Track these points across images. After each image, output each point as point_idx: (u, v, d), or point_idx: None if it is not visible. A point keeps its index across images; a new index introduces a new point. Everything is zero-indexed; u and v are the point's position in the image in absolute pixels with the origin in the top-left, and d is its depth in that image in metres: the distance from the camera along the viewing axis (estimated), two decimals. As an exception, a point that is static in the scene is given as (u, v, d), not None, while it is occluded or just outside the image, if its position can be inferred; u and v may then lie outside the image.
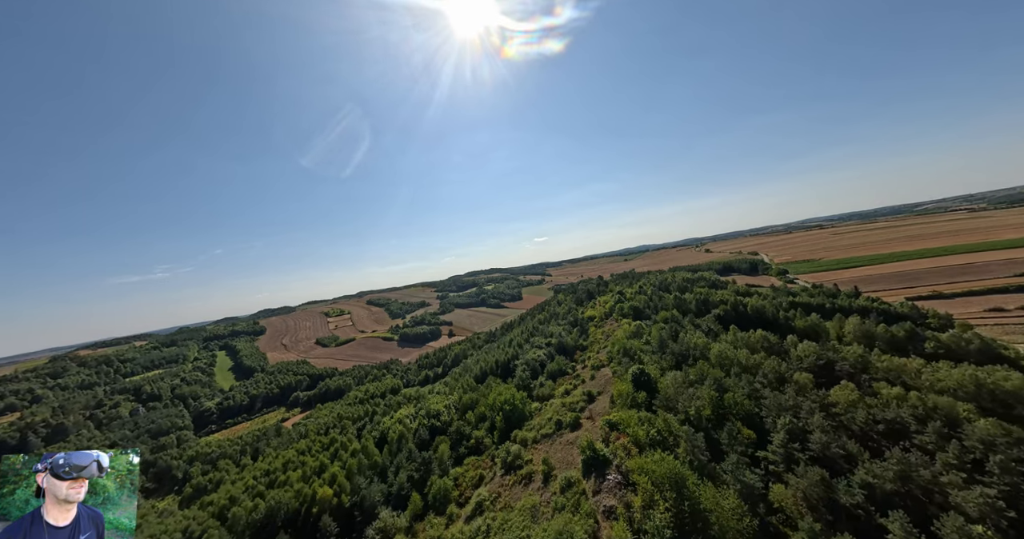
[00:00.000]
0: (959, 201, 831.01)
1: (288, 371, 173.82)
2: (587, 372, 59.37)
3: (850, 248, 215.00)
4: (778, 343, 56.39)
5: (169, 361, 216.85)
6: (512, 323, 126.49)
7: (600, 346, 71.56)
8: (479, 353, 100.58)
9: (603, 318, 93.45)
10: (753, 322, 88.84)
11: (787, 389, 39.91)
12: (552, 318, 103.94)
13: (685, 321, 77.09)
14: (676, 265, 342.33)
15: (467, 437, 49.21)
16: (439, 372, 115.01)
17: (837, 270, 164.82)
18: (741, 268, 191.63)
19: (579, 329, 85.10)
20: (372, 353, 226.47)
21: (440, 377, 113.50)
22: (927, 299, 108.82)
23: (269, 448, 72.60)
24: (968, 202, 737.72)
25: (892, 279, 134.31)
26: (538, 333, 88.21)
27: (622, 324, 77.43)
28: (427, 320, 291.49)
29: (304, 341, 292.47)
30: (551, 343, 76.89)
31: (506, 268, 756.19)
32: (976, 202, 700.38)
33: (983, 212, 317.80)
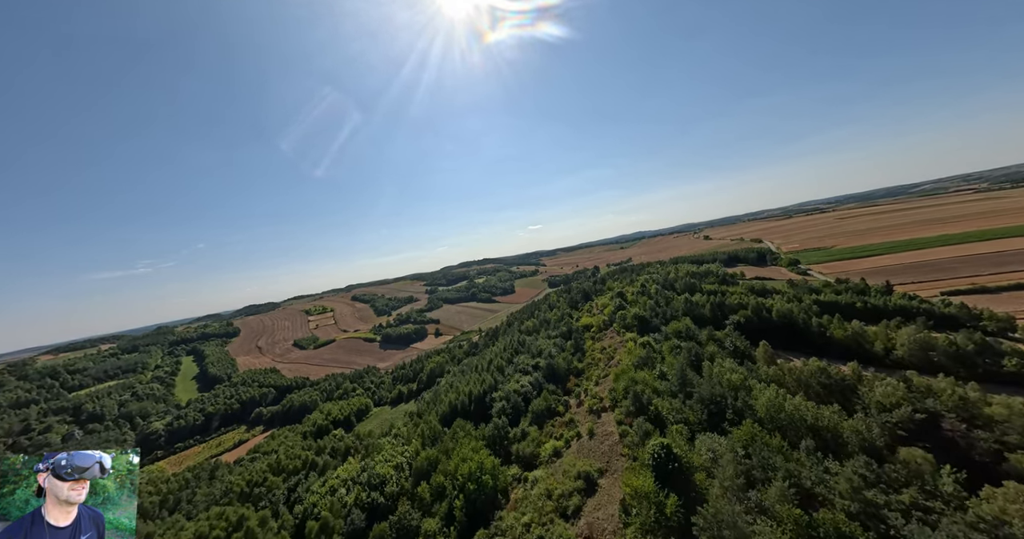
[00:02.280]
0: (957, 181, 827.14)
1: (254, 382, 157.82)
2: (584, 417, 44.27)
3: (861, 234, 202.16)
4: (840, 377, 41.52)
5: (126, 370, 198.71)
6: (498, 330, 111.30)
7: (600, 372, 56.43)
8: (455, 372, 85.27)
9: (601, 329, 78.28)
10: (781, 331, 74.33)
11: (908, 493, 24.53)
12: (543, 326, 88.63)
13: (703, 335, 62.09)
14: (675, 254, 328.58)
15: (414, 534, 34.01)
16: (413, 389, 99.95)
17: (853, 259, 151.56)
18: (748, 258, 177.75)
19: (573, 344, 69.90)
20: (351, 357, 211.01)
21: (415, 394, 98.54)
22: (967, 294, 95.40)
23: (188, 505, 57.42)
24: (966, 181, 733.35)
25: (918, 270, 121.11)
26: (524, 350, 72.85)
27: (626, 341, 62.19)
28: (413, 318, 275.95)
29: (281, 343, 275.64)
30: (539, 365, 61.60)
31: (499, 258, 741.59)
32: (974, 182, 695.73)
33: (991, 192, 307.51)
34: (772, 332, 75.80)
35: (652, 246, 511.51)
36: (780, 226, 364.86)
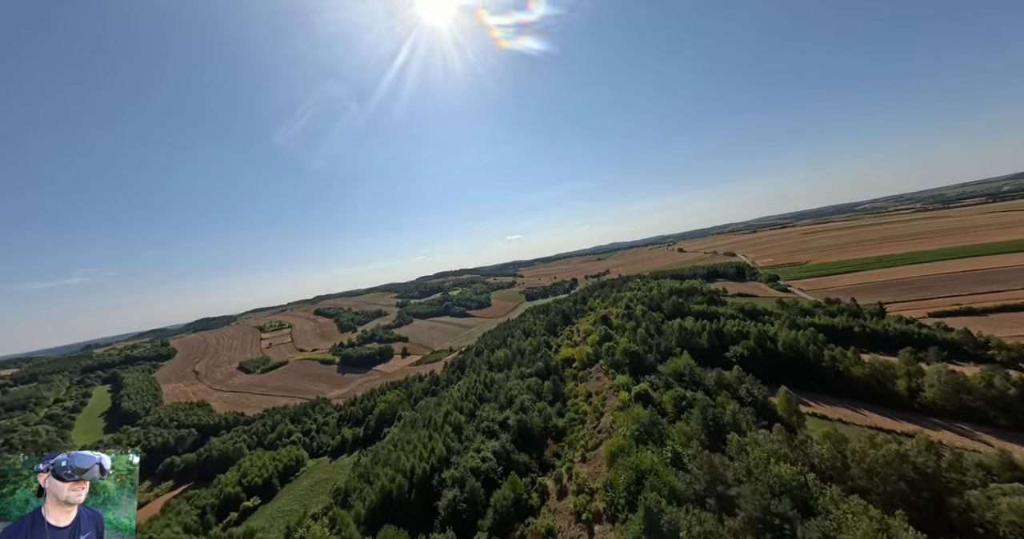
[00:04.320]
0: (891, 201, 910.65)
1: (172, 421, 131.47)
2: (568, 523, 30.39)
3: (829, 250, 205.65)
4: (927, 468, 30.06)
5: (11, 408, 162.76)
6: (464, 362, 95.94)
7: (587, 435, 43.11)
8: (407, 419, 68.92)
9: (586, 364, 65.42)
10: (788, 365, 64.65)
11: None
12: (515, 360, 74.59)
13: (709, 379, 50.49)
14: (652, 266, 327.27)
15: None
16: (360, 435, 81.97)
17: (830, 276, 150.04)
18: (728, 273, 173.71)
19: (552, 387, 56.33)
20: (302, 383, 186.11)
21: (360, 443, 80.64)
22: (955, 315, 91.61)
23: None
24: (898, 202, 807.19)
25: (898, 288, 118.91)
26: (491, 395, 58.31)
27: (617, 389, 49.37)
28: (379, 335, 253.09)
29: (224, 366, 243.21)
30: (508, 422, 47.39)
31: (476, 268, 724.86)
32: (907, 202, 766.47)
33: (935, 212, 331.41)
34: (779, 366, 66.11)
35: (628, 258, 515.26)
36: (748, 240, 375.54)
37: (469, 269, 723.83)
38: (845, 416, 50.00)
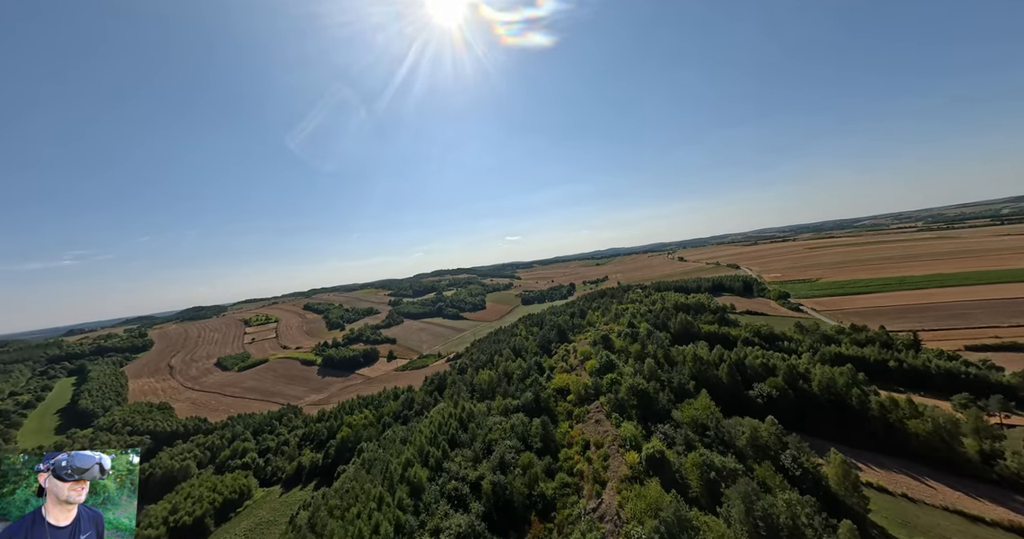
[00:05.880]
0: (890, 219, 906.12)
1: (127, 426, 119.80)
2: None
3: (840, 267, 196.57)
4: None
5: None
6: (445, 381, 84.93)
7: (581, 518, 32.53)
8: (369, 453, 58.03)
9: (583, 399, 54.84)
10: (824, 412, 54.64)
11: None
12: (500, 385, 63.96)
13: (741, 436, 40.08)
14: (651, 274, 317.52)
15: None
16: (319, 462, 70.97)
17: (845, 296, 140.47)
18: (734, 287, 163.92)
19: (540, 429, 45.65)
20: (278, 385, 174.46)
21: (318, 473, 69.69)
22: (996, 351, 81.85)
23: None
24: (897, 220, 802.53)
25: (924, 314, 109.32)
26: (466, 437, 47.62)
27: (623, 443, 38.83)
28: (366, 336, 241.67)
29: (202, 361, 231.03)
30: (481, 484, 36.78)
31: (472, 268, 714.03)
32: (906, 220, 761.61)
33: (944, 231, 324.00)
34: (813, 409, 55.93)
35: (627, 264, 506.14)
36: (751, 252, 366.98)
37: (466, 269, 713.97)
38: (909, 488, 39.80)
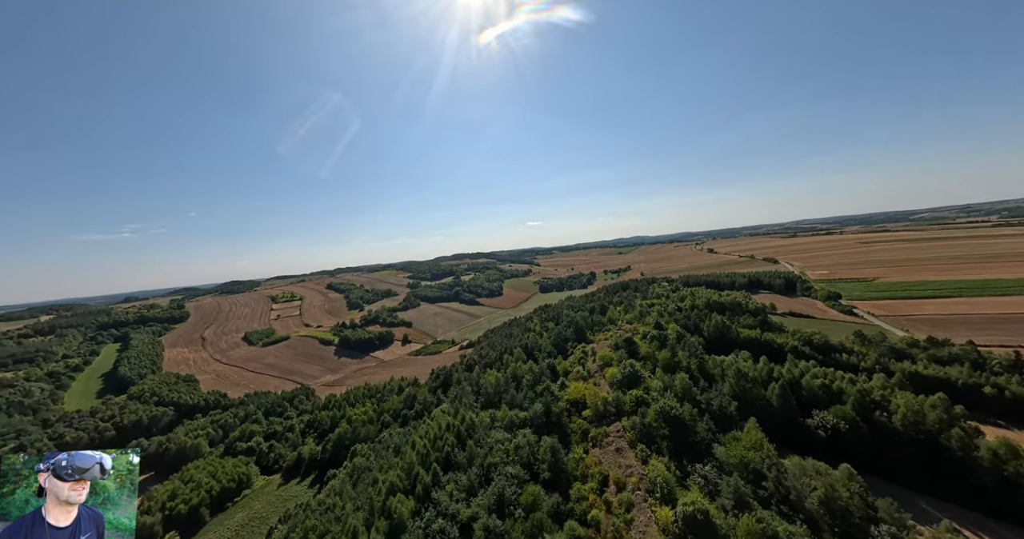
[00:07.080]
0: (955, 211, 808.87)
1: (154, 396, 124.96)
2: None
3: (901, 265, 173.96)
4: None
5: (20, 360, 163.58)
6: (451, 377, 79.77)
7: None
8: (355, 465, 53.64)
9: (601, 416, 47.21)
10: (908, 452, 44.32)
11: None
12: (509, 389, 57.41)
13: (812, 494, 31.35)
14: (678, 265, 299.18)
15: None
16: (318, 455, 68.55)
17: (910, 299, 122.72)
18: (774, 285, 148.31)
19: (548, 453, 38.73)
20: (295, 363, 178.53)
21: (317, 466, 67.25)
22: (1119, 378, 66.23)
23: None
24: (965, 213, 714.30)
25: (1017, 327, 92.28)
26: (462, 458, 41.48)
27: (654, 492, 31.21)
28: (382, 318, 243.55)
29: (231, 334, 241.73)
30: (474, 530, 30.54)
31: (492, 252, 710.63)
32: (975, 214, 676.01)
33: None
34: (893, 447, 45.85)
35: (652, 254, 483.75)
36: (790, 245, 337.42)
37: (485, 253, 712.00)
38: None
